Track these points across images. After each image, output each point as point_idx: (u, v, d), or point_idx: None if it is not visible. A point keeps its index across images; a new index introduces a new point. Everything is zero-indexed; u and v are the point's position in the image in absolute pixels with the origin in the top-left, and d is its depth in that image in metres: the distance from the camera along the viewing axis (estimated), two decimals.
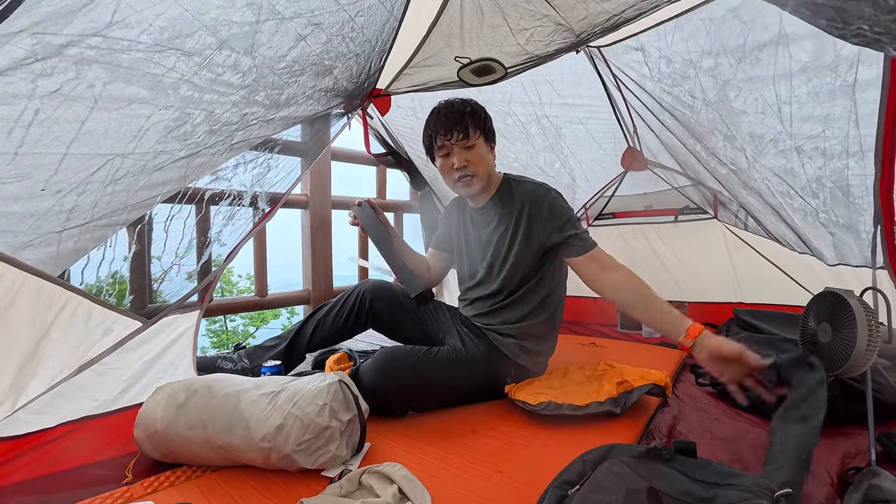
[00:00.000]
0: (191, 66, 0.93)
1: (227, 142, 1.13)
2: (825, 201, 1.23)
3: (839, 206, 1.19)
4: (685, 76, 1.35)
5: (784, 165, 1.26)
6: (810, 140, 1.12)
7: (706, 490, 0.63)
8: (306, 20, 1.03)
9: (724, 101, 1.27)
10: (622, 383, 1.13)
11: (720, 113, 1.33)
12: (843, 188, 1.13)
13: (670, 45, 1.33)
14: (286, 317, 7.84)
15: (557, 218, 1.21)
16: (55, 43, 0.75)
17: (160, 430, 0.88)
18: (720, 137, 1.43)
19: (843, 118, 1.03)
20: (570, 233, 1.20)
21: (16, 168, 0.80)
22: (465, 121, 1.22)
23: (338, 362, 1.29)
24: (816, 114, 1.07)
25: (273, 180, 1.37)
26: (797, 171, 1.23)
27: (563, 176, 2.26)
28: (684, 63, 1.32)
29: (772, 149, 1.25)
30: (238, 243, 1.31)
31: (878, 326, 0.82)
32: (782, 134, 1.18)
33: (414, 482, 0.77)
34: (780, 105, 1.13)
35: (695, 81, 1.32)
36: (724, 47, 1.19)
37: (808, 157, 1.17)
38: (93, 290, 1.03)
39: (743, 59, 1.15)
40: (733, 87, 1.22)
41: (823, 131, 1.08)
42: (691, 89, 1.36)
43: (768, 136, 1.23)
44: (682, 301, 2.14)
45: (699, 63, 1.27)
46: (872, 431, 0.86)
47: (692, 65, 1.29)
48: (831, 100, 1.03)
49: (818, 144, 1.11)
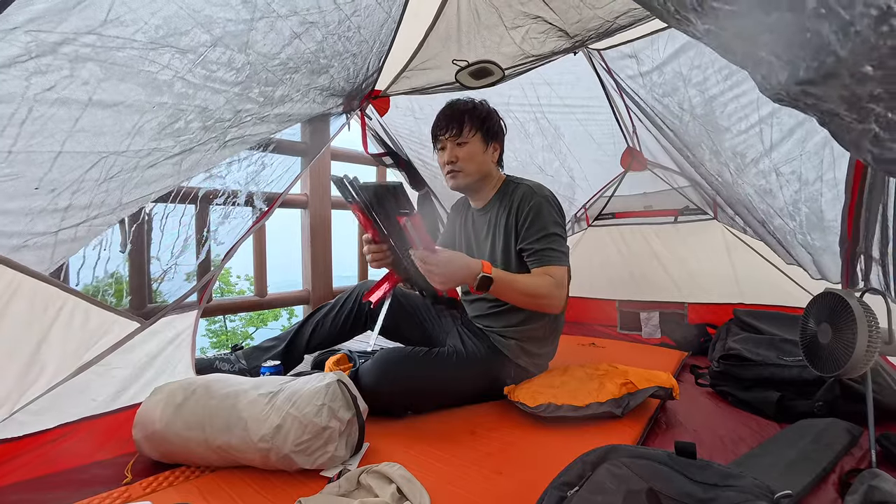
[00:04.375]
0: (185, 64, 0.93)
1: (221, 138, 1.13)
2: (801, 224, 1.24)
3: (815, 230, 1.20)
4: (675, 88, 1.35)
5: (764, 186, 1.27)
6: (788, 163, 1.13)
7: (706, 491, 0.62)
8: (301, 18, 1.03)
9: (711, 117, 1.28)
10: (626, 384, 1.12)
11: (706, 128, 1.33)
12: (818, 213, 1.14)
13: (662, 55, 1.33)
14: (285, 317, 7.84)
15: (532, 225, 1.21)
16: (50, 40, 0.74)
17: (158, 430, 0.88)
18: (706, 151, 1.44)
19: (819, 143, 1.03)
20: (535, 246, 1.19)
21: (10, 167, 0.80)
22: (461, 119, 1.25)
23: (337, 363, 1.28)
24: (795, 137, 1.08)
25: (268, 179, 1.36)
26: (776, 193, 1.24)
27: (562, 176, 2.26)
28: (674, 75, 1.32)
29: (752, 168, 1.26)
30: (236, 242, 1.30)
31: (878, 327, 0.82)
32: (762, 154, 1.19)
33: (413, 482, 0.77)
34: (762, 125, 1.14)
35: (683, 94, 1.33)
36: (711, 62, 1.19)
37: (785, 180, 1.18)
38: (90, 290, 1.02)
39: (730, 75, 1.16)
40: (720, 103, 1.22)
41: (800, 155, 1.09)
42: (680, 101, 1.36)
43: (750, 156, 1.24)
44: (681, 301, 2.14)
45: (688, 76, 1.28)
46: (872, 432, 0.86)
47: (682, 77, 1.30)
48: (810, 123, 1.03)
49: (795, 168, 1.12)
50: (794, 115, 1.05)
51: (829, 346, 0.88)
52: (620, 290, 2.33)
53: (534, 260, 1.19)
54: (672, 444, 0.72)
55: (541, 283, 1.14)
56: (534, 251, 1.19)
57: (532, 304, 1.16)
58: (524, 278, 1.15)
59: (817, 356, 0.92)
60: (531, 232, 1.21)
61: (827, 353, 0.89)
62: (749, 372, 1.26)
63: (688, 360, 1.73)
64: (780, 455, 0.89)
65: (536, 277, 1.16)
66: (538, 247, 1.19)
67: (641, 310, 2.24)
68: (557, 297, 1.15)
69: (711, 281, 2.08)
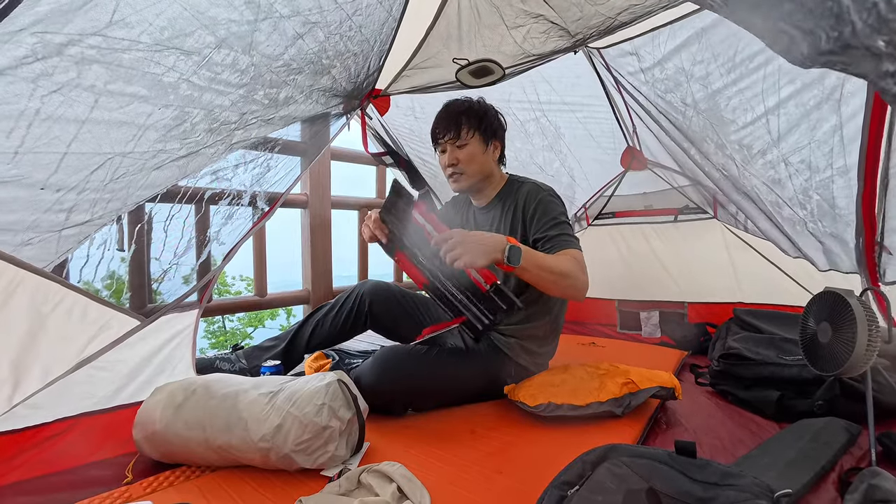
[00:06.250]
0: (190, 66, 0.93)
1: (227, 141, 1.13)
2: (812, 212, 1.24)
3: (826, 217, 1.20)
4: (678, 83, 1.35)
5: (772, 176, 1.27)
6: (797, 152, 1.13)
7: (706, 490, 0.63)
8: (303, 18, 1.03)
9: (715, 111, 1.28)
10: (627, 384, 1.12)
11: (711, 121, 1.34)
12: (829, 200, 1.14)
13: (664, 51, 1.34)
14: (284, 317, 7.84)
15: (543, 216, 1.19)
16: (56, 42, 0.75)
17: (159, 430, 0.88)
18: (711, 144, 1.44)
19: (828, 132, 1.04)
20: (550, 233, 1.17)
21: (16, 167, 0.80)
22: (458, 120, 1.24)
23: (316, 360, 1.30)
24: (803, 126, 1.08)
25: (272, 180, 1.37)
26: (785, 182, 1.24)
27: (562, 175, 2.26)
28: (677, 70, 1.33)
29: (760, 159, 1.26)
30: (237, 242, 1.30)
31: (878, 326, 0.82)
32: (770, 145, 1.19)
33: (413, 481, 0.77)
34: (768, 116, 1.14)
35: (686, 89, 1.33)
36: (714, 56, 1.20)
37: (794, 170, 1.18)
38: (90, 288, 1.03)
39: (733, 69, 1.17)
40: (723, 96, 1.23)
41: (809, 144, 1.09)
42: (683, 96, 1.37)
43: (756, 147, 1.24)
44: (682, 301, 2.14)
45: (691, 71, 1.28)
46: (872, 431, 0.86)
47: (684, 73, 1.30)
48: (818, 112, 1.04)
49: (804, 157, 1.12)
50: (802, 106, 1.06)
51: (829, 345, 0.89)
52: (620, 290, 2.33)
53: (551, 246, 1.14)
54: (672, 444, 0.72)
55: (567, 262, 1.07)
56: (549, 237, 1.15)
57: (559, 286, 1.07)
58: (551, 257, 1.07)
59: (817, 355, 0.93)
60: (543, 221, 1.18)
61: (827, 352, 0.89)
62: (749, 371, 1.27)
63: (688, 359, 1.73)
64: (779, 454, 0.90)
65: (562, 256, 1.08)
66: (553, 233, 1.15)
67: (641, 309, 2.24)
68: (583, 281, 1.08)
69: (711, 280, 2.08)
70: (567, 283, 1.06)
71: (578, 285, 1.08)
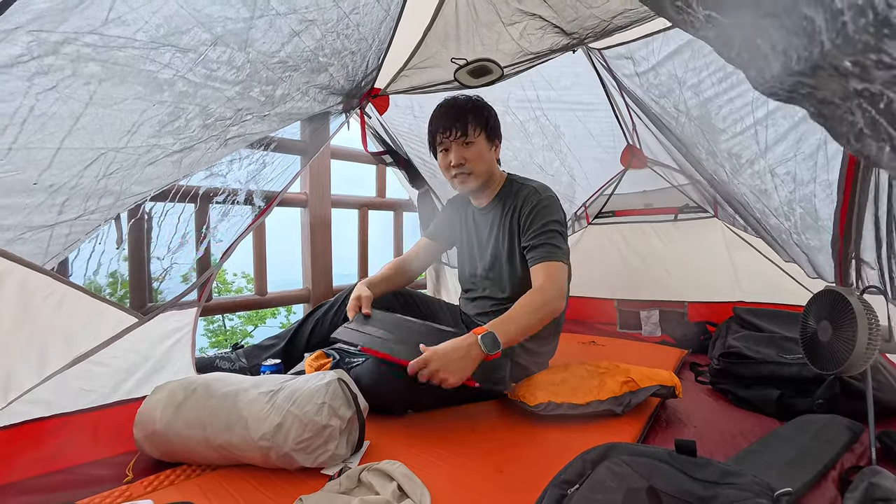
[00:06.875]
0: (186, 63, 0.93)
1: (222, 136, 1.13)
2: (796, 224, 1.25)
3: (809, 229, 1.21)
4: (670, 89, 1.36)
5: (759, 186, 1.28)
6: (783, 164, 1.14)
7: (706, 489, 0.63)
8: (300, 16, 1.03)
9: (706, 118, 1.28)
10: (627, 382, 1.12)
11: (702, 129, 1.34)
12: (812, 213, 1.15)
13: (658, 57, 1.34)
14: (284, 315, 7.84)
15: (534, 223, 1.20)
16: (51, 40, 0.74)
17: (159, 429, 0.88)
18: (703, 151, 1.45)
19: (814, 145, 1.04)
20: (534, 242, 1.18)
21: (9, 163, 0.80)
22: (465, 118, 1.22)
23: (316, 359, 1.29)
24: (790, 138, 1.08)
25: (269, 177, 1.36)
26: (771, 193, 1.24)
27: (562, 174, 2.25)
28: (669, 76, 1.33)
29: (748, 168, 1.27)
30: (235, 240, 1.30)
31: (879, 324, 0.82)
32: (758, 155, 1.19)
33: (413, 480, 0.77)
34: (757, 127, 1.14)
35: (679, 96, 1.33)
36: (706, 65, 1.20)
37: (780, 181, 1.18)
38: (87, 284, 1.02)
39: (724, 78, 1.16)
40: (715, 105, 1.23)
41: (795, 156, 1.09)
42: (676, 103, 1.37)
43: (745, 157, 1.24)
44: (682, 300, 2.14)
45: (683, 78, 1.28)
46: (873, 430, 0.86)
47: (676, 79, 1.30)
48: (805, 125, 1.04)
49: (790, 169, 1.13)
50: (789, 118, 1.06)
51: (830, 344, 0.88)
52: (620, 289, 2.33)
53: (532, 257, 1.18)
54: (672, 442, 0.72)
55: (535, 297, 1.09)
56: (531, 247, 1.18)
57: (542, 323, 1.10)
58: (520, 306, 1.08)
59: (817, 354, 0.92)
60: (533, 230, 1.20)
61: (827, 351, 0.89)
62: (749, 370, 1.27)
63: (688, 357, 1.73)
64: (779, 452, 0.89)
65: (528, 296, 1.10)
66: (536, 242, 1.18)
67: (641, 308, 2.24)
68: (557, 299, 1.11)
69: (712, 279, 2.08)
70: (545, 311, 1.09)
71: (555, 306, 1.10)
